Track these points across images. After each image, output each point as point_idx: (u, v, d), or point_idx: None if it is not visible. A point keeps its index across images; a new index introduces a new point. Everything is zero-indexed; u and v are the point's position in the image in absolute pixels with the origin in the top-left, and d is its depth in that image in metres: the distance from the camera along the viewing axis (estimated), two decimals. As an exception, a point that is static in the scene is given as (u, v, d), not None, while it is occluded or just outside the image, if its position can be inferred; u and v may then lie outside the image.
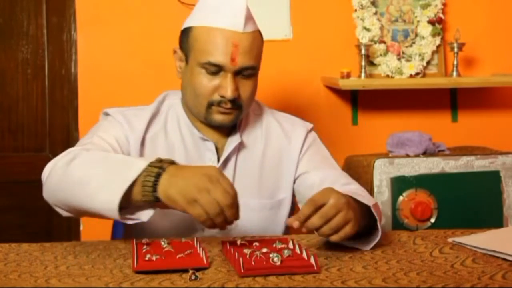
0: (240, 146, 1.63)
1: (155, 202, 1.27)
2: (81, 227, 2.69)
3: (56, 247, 1.38)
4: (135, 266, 1.20)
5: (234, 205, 1.24)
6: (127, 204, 1.27)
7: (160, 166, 1.26)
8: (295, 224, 1.24)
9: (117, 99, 2.50)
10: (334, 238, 1.27)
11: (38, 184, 2.74)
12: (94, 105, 2.64)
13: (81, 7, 2.66)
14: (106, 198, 1.26)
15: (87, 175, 1.31)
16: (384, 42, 2.69)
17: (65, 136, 2.75)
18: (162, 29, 2.66)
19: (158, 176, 1.25)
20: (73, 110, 2.71)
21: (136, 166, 1.27)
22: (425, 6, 2.70)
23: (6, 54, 2.72)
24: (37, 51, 2.72)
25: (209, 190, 1.21)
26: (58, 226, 2.77)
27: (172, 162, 1.29)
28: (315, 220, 1.24)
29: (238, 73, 1.52)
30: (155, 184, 1.24)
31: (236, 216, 1.25)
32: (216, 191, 1.21)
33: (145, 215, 1.29)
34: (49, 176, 1.39)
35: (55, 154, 2.71)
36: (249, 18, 1.52)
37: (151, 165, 1.27)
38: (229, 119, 1.56)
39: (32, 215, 2.77)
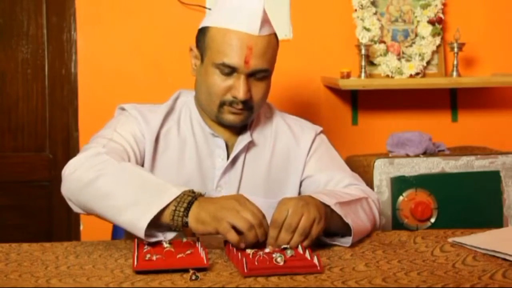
0: (250, 145, 1.66)
1: (182, 227, 1.31)
2: (81, 227, 2.69)
3: (57, 247, 1.38)
4: (135, 265, 1.20)
5: (262, 225, 1.28)
6: (151, 223, 1.31)
7: (193, 196, 1.32)
8: (270, 249, 1.28)
9: (117, 99, 2.48)
10: (306, 243, 1.30)
11: (38, 184, 2.78)
12: (94, 105, 2.64)
13: (81, 7, 2.66)
14: (135, 216, 1.31)
15: (115, 189, 1.36)
16: (384, 42, 2.69)
17: (65, 136, 2.75)
18: (162, 29, 2.67)
19: (190, 203, 1.31)
20: (73, 110, 2.71)
21: (170, 192, 1.32)
22: (425, 6, 2.70)
23: (6, 54, 2.72)
24: (37, 51, 2.72)
25: (238, 210, 1.27)
26: (58, 226, 2.77)
27: (202, 195, 1.35)
28: (283, 236, 1.29)
29: (251, 75, 1.55)
30: (187, 210, 1.30)
31: (265, 234, 1.29)
32: (246, 212, 1.27)
33: (167, 236, 1.34)
34: (72, 175, 1.42)
35: (55, 154, 2.76)
36: (265, 21, 1.54)
37: (184, 193, 1.32)
38: (239, 119, 1.58)
39: (32, 215, 2.77)
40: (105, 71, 2.67)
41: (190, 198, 1.31)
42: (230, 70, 1.53)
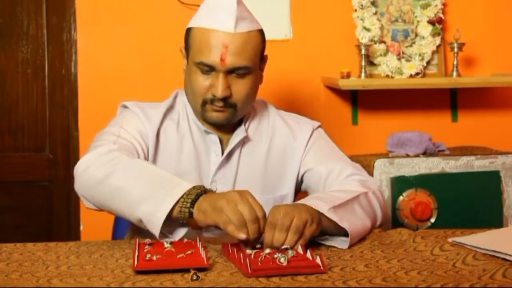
0: (245, 141, 1.67)
1: (188, 219, 1.34)
2: (81, 227, 2.69)
3: (60, 247, 1.39)
4: (135, 265, 1.20)
5: (257, 222, 1.29)
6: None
7: (202, 190, 1.35)
8: (268, 250, 1.28)
9: (117, 99, 2.48)
10: (301, 242, 1.31)
11: (38, 184, 2.78)
12: (94, 105, 2.64)
13: (81, 7, 2.66)
14: (149, 211, 1.34)
15: (129, 185, 1.39)
16: (384, 42, 2.69)
17: (65, 136, 2.75)
18: (162, 29, 2.67)
19: (198, 196, 1.33)
20: (73, 110, 2.71)
21: (181, 186, 1.35)
22: (425, 6, 2.70)
23: (6, 54, 2.72)
24: (37, 51, 2.72)
25: (236, 203, 1.28)
26: (58, 226, 2.77)
27: (212, 191, 1.38)
28: (278, 236, 1.30)
29: (231, 72, 1.57)
30: (194, 202, 1.32)
31: (257, 232, 1.29)
32: (243, 205, 1.28)
33: (178, 233, 1.38)
34: (86, 173, 1.45)
35: (55, 154, 2.76)
36: (241, 18, 1.56)
37: (194, 187, 1.35)
38: (223, 117, 1.60)
39: (32, 215, 2.77)
40: (105, 71, 2.67)
41: (199, 192, 1.34)
42: (208, 69, 1.56)
